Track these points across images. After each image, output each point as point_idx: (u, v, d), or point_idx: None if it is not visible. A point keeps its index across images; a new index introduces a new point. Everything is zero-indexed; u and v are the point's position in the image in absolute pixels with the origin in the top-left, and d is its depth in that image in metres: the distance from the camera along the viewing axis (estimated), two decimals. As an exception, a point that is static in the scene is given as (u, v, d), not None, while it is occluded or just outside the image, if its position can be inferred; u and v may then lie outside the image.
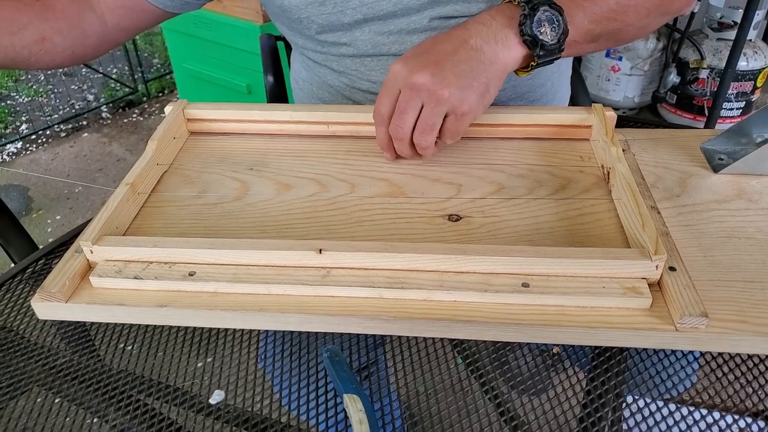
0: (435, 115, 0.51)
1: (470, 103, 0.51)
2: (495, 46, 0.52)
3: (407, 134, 0.53)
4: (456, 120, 0.52)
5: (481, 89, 0.51)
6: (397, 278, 0.44)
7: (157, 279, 0.45)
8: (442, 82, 0.50)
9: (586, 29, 0.55)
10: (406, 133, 0.53)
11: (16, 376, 0.44)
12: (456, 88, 0.50)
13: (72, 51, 0.68)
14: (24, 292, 0.51)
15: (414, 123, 0.52)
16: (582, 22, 0.54)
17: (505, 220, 0.51)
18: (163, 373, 0.44)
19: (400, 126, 0.53)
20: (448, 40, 0.52)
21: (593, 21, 0.55)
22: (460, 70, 0.50)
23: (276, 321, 0.44)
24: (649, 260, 0.42)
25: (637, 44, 1.92)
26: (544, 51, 0.52)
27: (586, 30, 0.55)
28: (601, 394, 0.40)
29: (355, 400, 0.39)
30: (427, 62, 0.51)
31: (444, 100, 0.50)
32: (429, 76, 0.50)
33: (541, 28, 0.51)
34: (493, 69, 0.52)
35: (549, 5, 0.52)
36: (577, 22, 0.54)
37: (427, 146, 0.54)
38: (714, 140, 0.59)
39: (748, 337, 0.41)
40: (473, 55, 0.51)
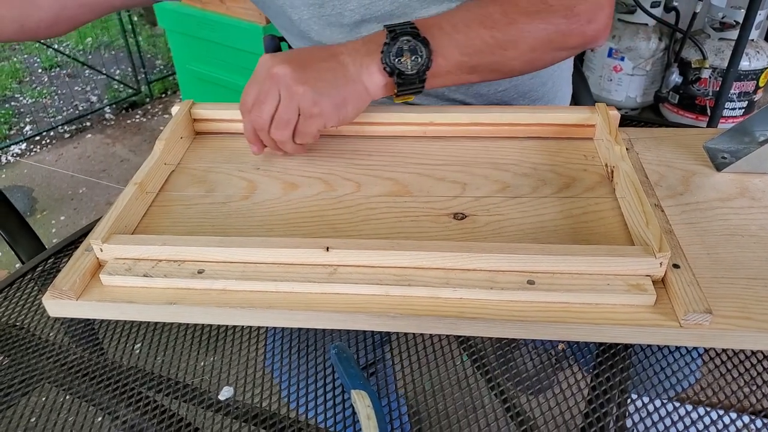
0: (288, 110, 0.52)
1: (321, 108, 0.52)
2: (360, 69, 0.53)
3: (265, 125, 0.54)
4: (305, 121, 0.53)
5: (338, 101, 0.52)
6: (404, 275, 0.45)
7: (167, 277, 0.46)
8: (300, 78, 0.51)
9: (458, 61, 0.55)
10: (264, 124, 0.54)
11: (27, 372, 0.44)
12: (312, 88, 0.51)
13: (21, 24, 0.65)
14: (34, 290, 0.52)
15: (272, 114, 0.53)
16: (452, 54, 0.54)
17: (509, 219, 0.51)
18: (172, 370, 0.44)
19: (258, 116, 0.54)
20: (322, 50, 0.54)
21: (466, 53, 0.54)
22: (320, 76, 0.52)
23: (284, 318, 0.45)
24: (653, 257, 0.43)
25: (639, 44, 1.93)
26: (401, 80, 0.53)
27: (457, 62, 0.55)
28: (606, 390, 0.41)
29: (363, 396, 0.39)
30: (292, 60, 0.52)
31: (297, 96, 0.51)
32: (290, 70, 0.51)
33: (401, 58, 0.52)
34: (354, 88, 0.53)
35: (412, 36, 0.52)
36: (446, 53, 0.54)
37: (284, 141, 0.55)
38: (717, 139, 0.59)
39: (752, 334, 0.41)
40: (338, 68, 0.53)
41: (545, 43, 0.56)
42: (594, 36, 0.57)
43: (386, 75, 0.53)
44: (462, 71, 0.56)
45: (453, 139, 0.63)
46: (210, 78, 2.05)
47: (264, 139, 0.56)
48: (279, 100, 0.52)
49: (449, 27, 0.54)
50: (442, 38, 0.53)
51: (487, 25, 0.54)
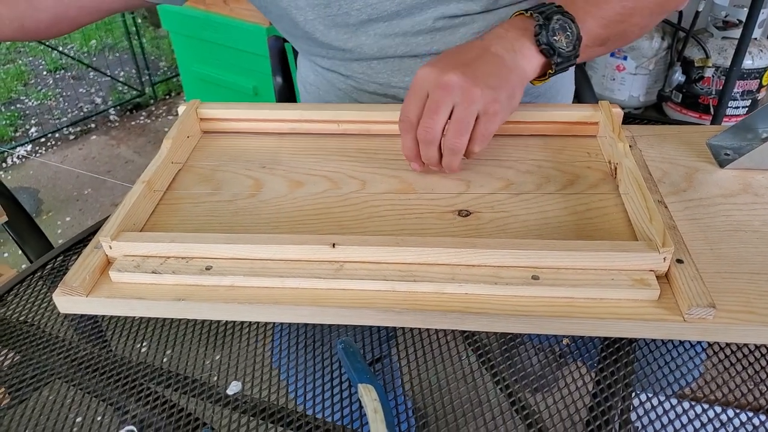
0: (469, 114, 0.50)
1: (501, 103, 0.51)
2: (514, 55, 0.52)
3: (437, 136, 0.51)
4: (487, 121, 0.51)
5: (508, 92, 0.52)
6: (409, 271, 0.45)
7: (175, 273, 0.46)
8: (475, 80, 0.49)
9: (596, 34, 0.56)
10: (436, 135, 0.51)
11: (38, 368, 0.45)
12: (487, 86, 0.50)
13: (21, 23, 0.65)
14: (44, 288, 0.53)
15: (444, 123, 0.51)
16: (592, 28, 0.55)
17: (514, 215, 0.52)
18: (180, 366, 0.45)
19: (431, 127, 0.51)
20: (469, 49, 0.53)
21: (602, 26, 0.56)
22: (488, 71, 0.51)
23: (291, 313, 0.45)
24: (657, 252, 0.43)
25: (642, 43, 1.93)
26: (561, 58, 0.53)
27: (596, 35, 0.56)
28: (610, 384, 0.41)
29: (370, 390, 0.40)
30: (456, 64, 0.51)
31: (477, 99, 0.50)
32: (460, 75, 0.49)
33: (556, 37, 0.52)
34: (516, 75, 0.52)
35: (561, 14, 0.53)
36: (587, 27, 0.54)
37: (459, 150, 0.52)
38: (720, 136, 0.60)
39: (755, 327, 0.41)
40: (497, 60, 0.52)
41: (658, 6, 0.58)
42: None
43: (543, 55, 0.53)
44: (596, 44, 0.57)
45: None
46: (214, 79, 2.06)
47: (430, 154, 0.53)
48: (452, 109, 0.50)
49: (582, 2, 0.55)
50: (578, 12, 0.54)
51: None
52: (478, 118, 0.51)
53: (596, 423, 0.39)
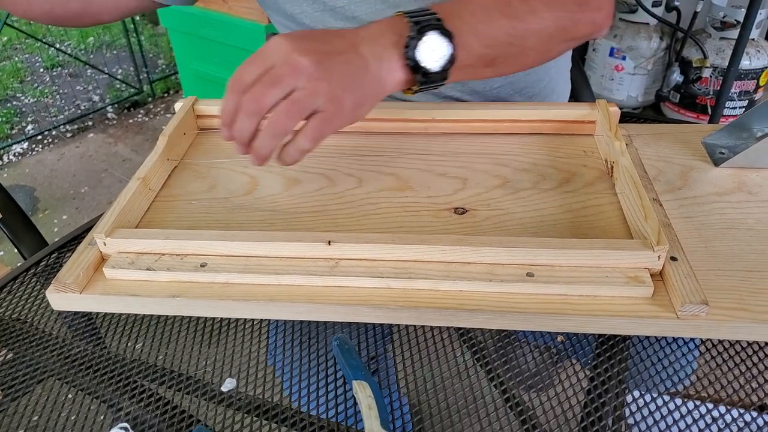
0: (307, 102, 0.44)
1: (343, 109, 0.45)
2: (380, 64, 0.47)
3: (262, 111, 0.45)
4: (323, 120, 0.45)
5: (357, 101, 0.46)
6: (405, 268, 0.45)
7: (170, 270, 0.46)
8: (326, 73, 0.44)
9: (481, 53, 0.50)
10: (262, 109, 0.44)
11: (32, 365, 0.45)
12: (337, 86, 0.45)
13: (51, 7, 0.66)
14: (37, 285, 0.52)
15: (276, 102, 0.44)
16: (475, 47, 0.50)
17: (510, 213, 0.52)
18: (175, 363, 0.45)
19: (260, 98, 0.44)
20: (338, 40, 0.47)
21: (487, 45, 0.50)
22: (346, 71, 0.46)
23: (286, 310, 0.45)
24: (651, 251, 0.43)
25: (641, 43, 1.93)
26: (425, 78, 0.48)
27: (479, 55, 0.50)
28: (604, 381, 0.41)
29: (364, 387, 0.40)
30: (315, 49, 0.45)
31: (320, 92, 0.44)
32: (315, 62, 0.44)
33: (426, 54, 0.47)
34: (372, 86, 0.47)
35: (439, 30, 0.47)
36: (469, 46, 0.49)
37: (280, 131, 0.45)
38: (715, 134, 0.60)
39: (747, 324, 0.42)
40: (361, 64, 0.47)
41: (560, 31, 0.54)
42: (601, 24, 0.56)
43: (408, 71, 0.48)
44: (481, 64, 0.52)
45: (454, 135, 0.63)
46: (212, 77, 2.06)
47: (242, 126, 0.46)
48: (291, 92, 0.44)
49: (469, 16, 0.50)
50: (463, 29, 0.49)
51: (507, 14, 0.51)
52: (314, 113, 0.45)
53: (590, 419, 0.39)
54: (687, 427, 0.38)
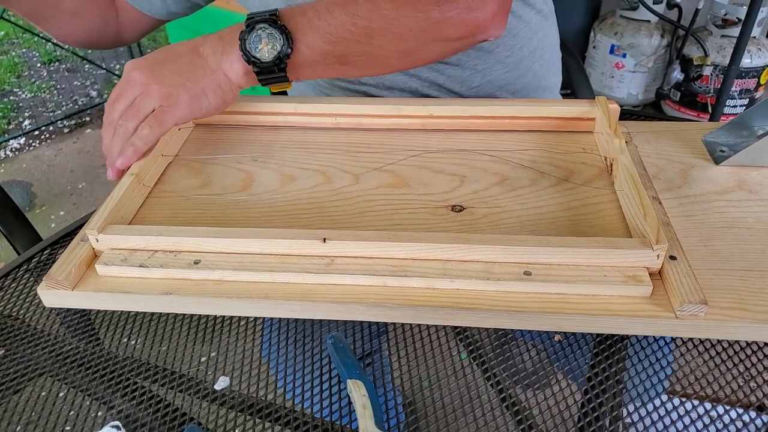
0: (143, 105, 0.53)
1: (177, 99, 0.53)
2: (220, 57, 0.53)
3: (112, 121, 0.54)
4: (161, 112, 0.53)
5: (195, 91, 0.53)
6: (401, 266, 0.45)
7: (163, 267, 0.46)
8: (156, 78, 0.53)
9: (322, 49, 0.53)
10: (111, 120, 0.54)
11: (23, 363, 0.44)
12: (167, 84, 0.52)
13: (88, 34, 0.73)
14: (29, 281, 0.52)
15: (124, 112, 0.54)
16: (315, 42, 0.52)
17: (507, 211, 0.51)
18: (168, 361, 0.44)
19: (110, 111, 0.55)
20: (184, 45, 0.55)
21: (329, 41, 0.52)
22: (177, 69, 0.53)
23: (281, 308, 0.45)
24: (651, 249, 0.43)
25: (642, 41, 1.92)
26: (259, 68, 0.53)
27: (322, 50, 0.53)
28: (602, 380, 0.41)
29: (359, 386, 0.39)
30: (149, 61, 0.54)
31: (153, 94, 0.52)
32: (145, 72, 0.53)
33: (259, 46, 0.52)
34: (213, 77, 0.53)
35: (270, 23, 0.51)
36: (308, 41, 0.52)
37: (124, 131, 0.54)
38: (715, 132, 0.59)
39: (746, 324, 0.41)
40: (197, 60, 0.53)
41: (417, 32, 0.52)
42: (478, 25, 0.53)
43: (245, 63, 0.53)
44: (330, 61, 0.54)
45: (452, 132, 0.62)
46: (210, 73, 2.05)
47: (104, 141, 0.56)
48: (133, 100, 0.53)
49: (312, 13, 0.53)
50: (304, 25, 0.52)
51: (349, 11, 0.52)
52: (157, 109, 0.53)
53: (587, 420, 0.38)
54: (685, 427, 0.38)
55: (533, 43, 0.71)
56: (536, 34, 0.71)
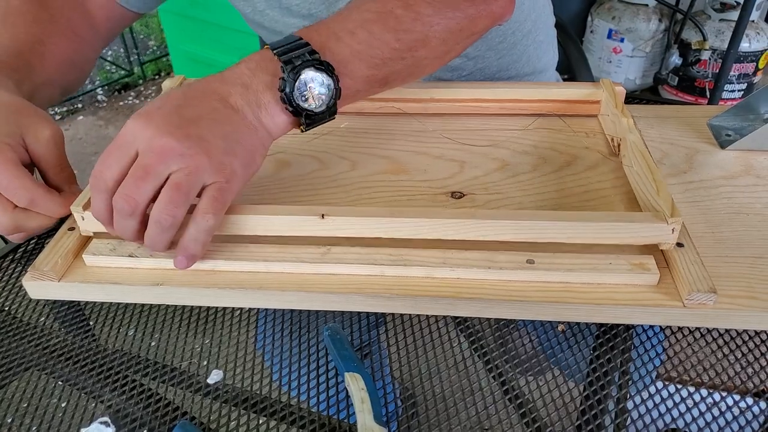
0: (189, 184, 0.39)
1: (234, 173, 0.41)
2: (257, 110, 0.43)
3: (139, 208, 0.40)
4: (218, 192, 0.41)
5: (245, 159, 0.42)
6: (400, 255, 0.43)
7: (153, 257, 0.44)
8: (200, 145, 0.39)
9: (368, 76, 0.46)
10: (137, 207, 0.40)
11: (8, 356, 0.43)
12: (218, 153, 0.40)
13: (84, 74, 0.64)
14: (16, 271, 0.50)
15: (153, 194, 0.40)
16: (361, 71, 0.45)
17: (509, 197, 0.50)
18: (159, 353, 0.43)
19: (133, 195, 0.39)
20: (203, 96, 0.42)
21: (374, 66, 0.46)
22: (221, 132, 0.41)
23: (276, 299, 0.43)
24: (665, 223, 0.41)
25: (639, 25, 1.90)
26: (310, 120, 0.44)
27: (366, 77, 0.46)
28: (607, 371, 0.40)
29: (357, 379, 0.38)
30: (180, 122, 0.40)
31: (202, 169, 0.39)
32: (183, 137, 0.39)
33: (306, 94, 0.43)
34: (257, 137, 0.43)
35: (314, 65, 0.42)
36: (354, 71, 0.45)
37: (169, 225, 0.40)
38: (721, 116, 0.58)
39: (757, 314, 0.40)
40: (234, 116, 0.42)
41: (456, 33, 0.49)
42: (501, 14, 0.52)
43: (290, 115, 0.44)
44: (373, 85, 0.48)
45: (451, 116, 0.61)
46: (204, 59, 2.02)
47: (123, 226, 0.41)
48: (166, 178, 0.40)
49: (348, 37, 0.45)
50: (343, 53, 0.44)
51: (390, 27, 0.46)
52: (204, 188, 0.41)
53: (592, 412, 0.37)
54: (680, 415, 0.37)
55: (527, 26, 0.69)
56: (529, 16, 0.69)
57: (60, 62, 0.58)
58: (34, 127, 0.47)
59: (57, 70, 0.58)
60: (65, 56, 0.59)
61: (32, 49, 0.56)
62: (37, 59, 0.56)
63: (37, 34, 0.57)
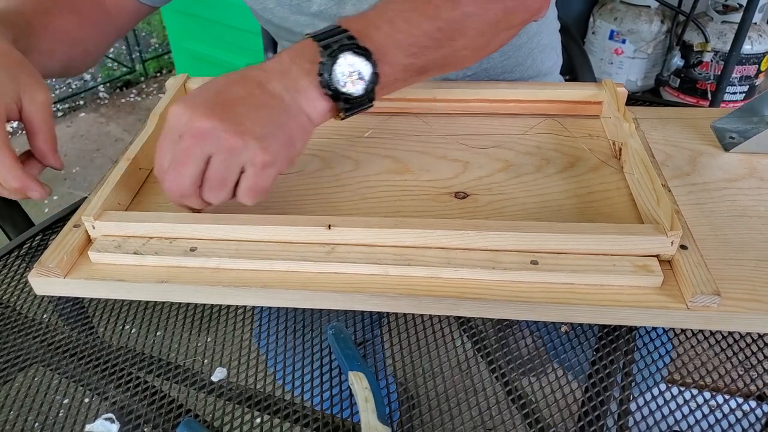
0: (226, 168, 0.42)
1: (273, 153, 0.42)
2: (297, 96, 0.43)
3: (188, 190, 0.43)
4: (256, 174, 0.42)
5: (285, 140, 0.43)
6: (404, 255, 0.43)
7: (158, 254, 0.44)
8: (237, 128, 0.40)
9: (405, 64, 0.46)
10: (186, 189, 0.42)
11: (13, 352, 0.43)
12: (254, 135, 0.41)
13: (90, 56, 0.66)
14: (21, 268, 0.50)
15: (197, 177, 0.42)
16: (397, 59, 0.45)
17: (512, 198, 0.50)
18: (164, 351, 0.43)
19: (177, 180, 0.42)
20: (242, 82, 0.43)
21: (411, 54, 0.46)
22: (258, 116, 0.41)
23: (280, 297, 0.44)
24: (665, 236, 0.41)
25: (641, 27, 1.90)
26: (349, 104, 0.44)
27: (404, 66, 0.46)
28: (610, 373, 0.40)
29: (361, 378, 0.38)
30: (216, 104, 0.41)
31: (238, 150, 0.41)
32: (218, 120, 0.40)
33: (345, 79, 0.43)
34: (297, 121, 0.43)
35: (353, 50, 0.43)
36: (392, 60, 0.45)
37: (217, 203, 0.44)
38: (725, 119, 0.58)
39: (761, 316, 0.40)
40: (272, 101, 0.42)
41: (493, 25, 0.49)
42: (537, 9, 0.52)
43: (329, 100, 0.44)
44: (410, 74, 0.48)
45: (454, 116, 0.61)
46: (206, 57, 2.02)
47: (190, 204, 0.45)
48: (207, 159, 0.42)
49: (387, 26, 0.45)
50: (382, 41, 0.45)
51: (429, 15, 0.46)
52: (244, 169, 0.42)
53: (595, 413, 0.37)
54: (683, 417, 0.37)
55: (532, 29, 0.69)
56: None
57: (63, 36, 0.59)
58: (32, 88, 0.47)
59: (59, 42, 0.59)
60: (69, 32, 0.60)
61: (36, 16, 0.57)
62: (39, 25, 0.56)
63: (45, 6, 0.58)
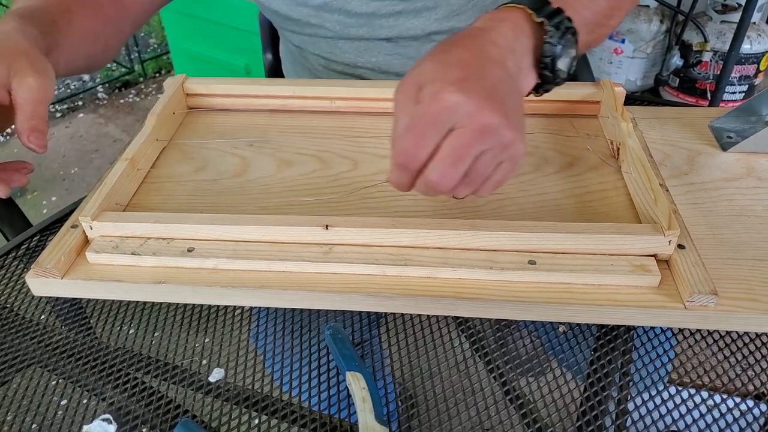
0: (493, 164, 0.39)
1: (523, 144, 0.39)
2: (519, 75, 0.42)
3: (416, 168, 0.39)
4: (512, 168, 0.40)
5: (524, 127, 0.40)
6: (401, 255, 0.43)
7: (155, 255, 0.44)
8: (509, 121, 0.37)
9: (584, 41, 0.46)
10: (450, 187, 0.39)
11: (11, 353, 0.43)
12: (519, 128, 0.39)
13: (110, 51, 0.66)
14: (18, 268, 0.50)
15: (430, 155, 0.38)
16: (583, 38, 0.45)
17: (510, 197, 0.50)
18: (161, 351, 0.43)
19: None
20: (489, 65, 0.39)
21: (589, 32, 0.47)
22: (513, 104, 0.39)
23: (277, 298, 0.44)
24: (662, 235, 0.41)
25: (641, 26, 1.90)
26: (548, 85, 0.44)
27: (584, 42, 0.46)
28: (608, 372, 0.40)
29: (358, 378, 0.38)
30: (490, 93, 0.37)
31: (509, 144, 0.38)
32: (500, 115, 0.37)
33: (561, 60, 0.43)
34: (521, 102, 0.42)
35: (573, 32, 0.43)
36: (581, 40, 0.45)
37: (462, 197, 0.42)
38: (723, 118, 0.58)
39: (758, 316, 0.40)
40: (513, 86, 0.40)
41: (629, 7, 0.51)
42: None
43: (536, 79, 0.43)
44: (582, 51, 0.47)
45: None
46: (205, 57, 2.02)
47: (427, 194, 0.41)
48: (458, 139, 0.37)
49: (577, 3, 0.45)
50: (579, 21, 0.44)
51: None
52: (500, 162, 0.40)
53: (593, 413, 0.37)
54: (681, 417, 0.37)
55: None
56: None
57: (85, 32, 0.60)
58: (24, 72, 0.47)
59: (82, 39, 0.60)
60: (90, 28, 0.61)
61: (60, 13, 0.57)
62: (63, 23, 0.57)
63: (68, 4, 0.59)
